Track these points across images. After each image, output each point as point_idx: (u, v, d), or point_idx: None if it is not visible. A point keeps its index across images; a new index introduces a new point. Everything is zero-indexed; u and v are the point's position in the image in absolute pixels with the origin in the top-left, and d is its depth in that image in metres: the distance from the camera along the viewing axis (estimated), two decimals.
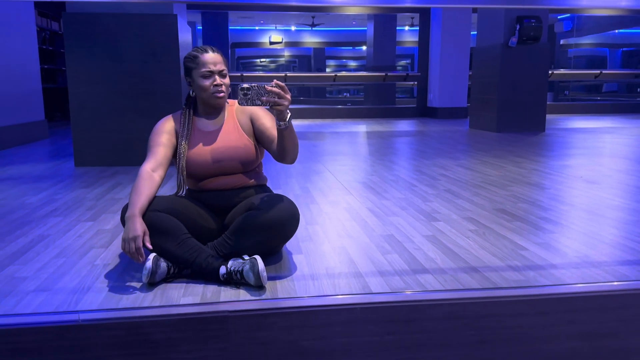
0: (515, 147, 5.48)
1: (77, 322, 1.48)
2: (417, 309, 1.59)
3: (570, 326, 1.66)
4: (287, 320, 1.55)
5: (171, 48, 4.23)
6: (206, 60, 1.92)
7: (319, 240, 2.24)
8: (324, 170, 4.11)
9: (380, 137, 6.73)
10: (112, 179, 3.75)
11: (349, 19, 16.37)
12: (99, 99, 4.23)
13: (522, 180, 3.58)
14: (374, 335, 1.59)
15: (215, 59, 1.93)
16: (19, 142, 5.91)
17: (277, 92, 1.65)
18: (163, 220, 1.79)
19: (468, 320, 1.61)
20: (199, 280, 1.76)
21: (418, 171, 4.00)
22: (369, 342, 1.59)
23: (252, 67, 20.12)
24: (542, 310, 1.64)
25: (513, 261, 1.94)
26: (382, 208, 2.81)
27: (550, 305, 1.65)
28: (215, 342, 1.53)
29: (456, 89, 10.36)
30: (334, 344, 1.58)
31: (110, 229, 2.44)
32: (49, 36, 9.17)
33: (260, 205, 1.83)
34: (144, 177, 1.85)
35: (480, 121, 7.63)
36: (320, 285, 1.73)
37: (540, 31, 6.97)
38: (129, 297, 1.63)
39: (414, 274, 1.81)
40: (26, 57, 6.24)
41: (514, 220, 2.52)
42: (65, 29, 4.15)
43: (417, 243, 2.18)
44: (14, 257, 2.04)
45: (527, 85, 7.16)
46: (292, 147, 1.85)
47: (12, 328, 1.47)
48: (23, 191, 3.31)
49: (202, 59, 1.92)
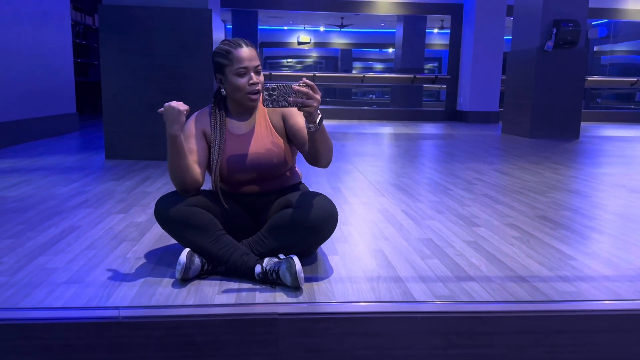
0: (550, 153, 5.31)
1: (118, 319, 1.41)
2: (483, 321, 1.47)
3: None
4: (341, 327, 1.44)
5: (204, 43, 4.20)
6: (241, 56, 1.75)
7: (354, 242, 2.16)
8: (354, 170, 4.02)
9: (408, 140, 6.61)
10: (143, 172, 3.73)
11: (378, 20, 16.23)
12: (131, 93, 4.23)
13: (562, 187, 3.45)
14: (436, 348, 1.46)
15: (250, 55, 1.76)
16: (50, 133, 5.97)
17: (305, 91, 1.53)
18: (198, 216, 1.73)
19: (539, 335, 1.49)
20: (233, 279, 1.70)
21: (451, 174, 3.89)
22: (430, 355, 1.47)
23: (279, 67, 20.13)
24: (620, 327, 1.52)
25: (562, 271, 1.83)
26: (417, 211, 2.72)
27: (628, 322, 1.52)
28: (263, 347, 1.43)
29: (488, 93, 10.17)
30: (392, 355, 1.46)
31: (141, 222, 2.40)
32: (82, 30, 9.29)
33: (298, 203, 1.74)
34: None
35: (513, 126, 7.45)
36: (359, 288, 1.65)
37: (578, 35, 6.77)
38: (162, 293, 1.58)
39: (457, 281, 1.72)
40: (61, 50, 6.30)
41: (558, 228, 2.40)
42: (101, 21, 4.16)
43: (459, 249, 2.08)
44: (45, 247, 2.01)
45: (562, 91, 6.96)
46: (325, 150, 1.71)
47: (46, 323, 1.40)
48: (54, 182, 3.31)
49: (237, 54, 1.75)
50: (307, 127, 1.63)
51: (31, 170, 3.73)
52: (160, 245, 2.06)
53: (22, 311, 1.44)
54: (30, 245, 2.03)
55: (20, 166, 3.89)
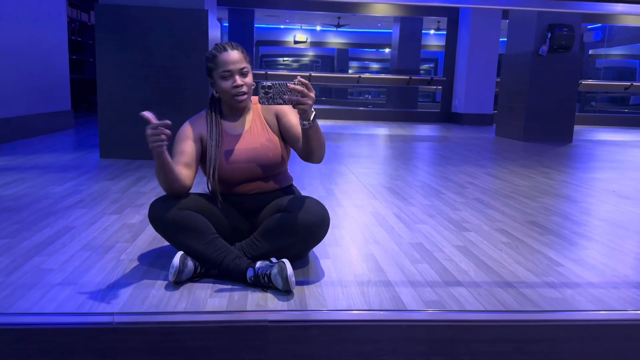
0: (543, 157, 5.36)
1: (112, 325, 1.43)
2: (467, 329, 1.51)
3: (631, 355, 1.57)
4: (330, 334, 1.48)
5: (201, 44, 4.22)
6: (225, 60, 1.81)
7: (345, 245, 2.19)
8: (348, 172, 4.05)
9: (403, 141, 6.65)
10: (137, 172, 3.75)
11: (375, 20, 16.26)
12: (127, 92, 4.24)
13: (552, 192, 3.49)
14: (420, 355, 1.50)
15: (234, 58, 1.82)
16: (45, 131, 5.96)
17: (300, 90, 1.58)
18: (192, 219, 1.75)
19: (518, 343, 1.52)
20: (226, 282, 1.73)
21: (444, 178, 3.92)
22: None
23: (275, 65, 20.12)
24: (596, 336, 1.55)
25: (549, 277, 1.87)
26: (409, 215, 2.75)
27: (605, 331, 1.56)
28: (252, 353, 1.46)
29: (483, 96, 10.22)
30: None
31: (135, 223, 2.42)
32: (78, 27, 9.27)
33: (290, 207, 1.77)
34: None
35: (506, 129, 7.51)
36: (349, 293, 1.68)
37: (572, 40, 6.83)
38: (155, 296, 1.60)
39: (446, 286, 1.75)
40: (56, 47, 6.29)
41: (546, 234, 2.44)
42: (97, 20, 4.17)
43: (448, 253, 2.11)
44: (40, 247, 2.03)
45: (556, 95, 7.01)
46: (319, 146, 1.78)
47: (42, 327, 1.42)
48: (49, 180, 3.32)
49: (221, 58, 1.82)
50: (301, 124, 1.68)
51: (26, 168, 3.74)
52: (154, 247, 2.08)
53: (19, 316, 1.46)
54: (26, 245, 2.04)
55: (15, 164, 3.90)
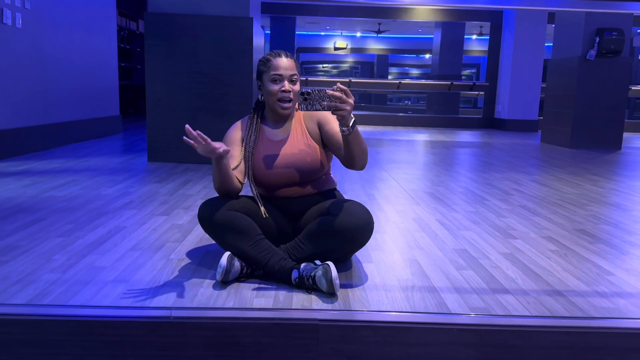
0: (590, 164, 5.20)
1: (170, 319, 1.49)
2: (519, 335, 1.49)
3: None
4: (379, 335, 1.48)
5: (246, 51, 4.31)
6: (277, 64, 1.88)
7: (388, 250, 2.19)
8: (389, 177, 4.04)
9: (445, 147, 6.58)
10: (183, 175, 3.85)
11: (416, 26, 16.17)
12: (174, 98, 4.36)
13: (601, 199, 3.38)
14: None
15: (287, 64, 1.88)
16: (95, 135, 6.20)
17: (339, 96, 1.58)
18: (238, 220, 1.80)
19: (577, 350, 1.49)
20: (271, 282, 1.76)
21: (488, 184, 3.86)
22: None
23: (315, 72, 20.27)
24: None
25: (600, 287, 1.82)
26: (453, 221, 2.72)
27: None
28: (303, 351, 1.49)
29: (527, 101, 10.00)
30: None
31: (183, 224, 2.49)
32: (127, 35, 9.60)
33: (335, 210, 1.79)
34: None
35: (552, 136, 7.32)
36: (393, 297, 1.68)
37: (621, 44, 6.60)
38: (204, 294, 1.64)
39: (493, 293, 1.73)
40: (106, 54, 6.54)
41: (596, 243, 2.37)
42: (147, 28, 4.31)
43: (494, 260, 2.08)
44: (93, 246, 2.11)
45: (604, 101, 6.79)
46: (360, 152, 1.78)
47: (104, 320, 1.49)
48: (100, 182, 3.45)
49: (274, 62, 1.88)
50: (341, 130, 1.69)
51: (78, 170, 3.89)
52: (201, 246, 2.14)
53: (80, 308, 1.53)
54: (80, 244, 2.13)
55: (68, 166, 4.07)
